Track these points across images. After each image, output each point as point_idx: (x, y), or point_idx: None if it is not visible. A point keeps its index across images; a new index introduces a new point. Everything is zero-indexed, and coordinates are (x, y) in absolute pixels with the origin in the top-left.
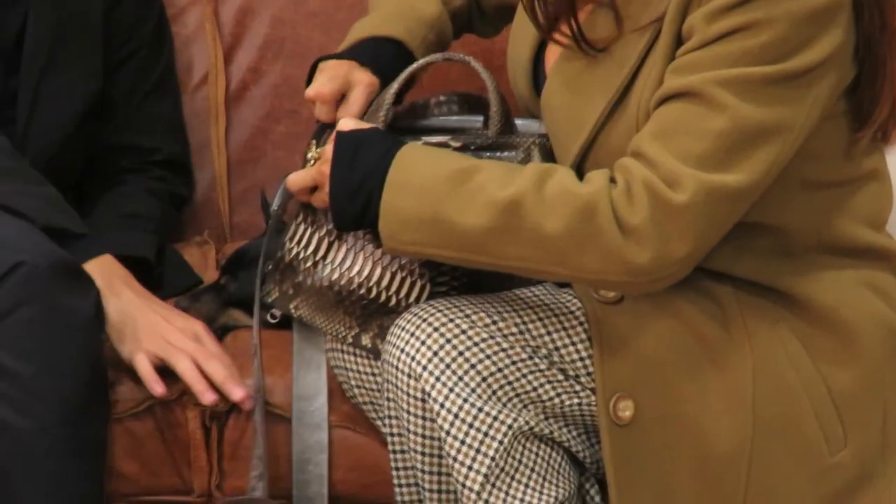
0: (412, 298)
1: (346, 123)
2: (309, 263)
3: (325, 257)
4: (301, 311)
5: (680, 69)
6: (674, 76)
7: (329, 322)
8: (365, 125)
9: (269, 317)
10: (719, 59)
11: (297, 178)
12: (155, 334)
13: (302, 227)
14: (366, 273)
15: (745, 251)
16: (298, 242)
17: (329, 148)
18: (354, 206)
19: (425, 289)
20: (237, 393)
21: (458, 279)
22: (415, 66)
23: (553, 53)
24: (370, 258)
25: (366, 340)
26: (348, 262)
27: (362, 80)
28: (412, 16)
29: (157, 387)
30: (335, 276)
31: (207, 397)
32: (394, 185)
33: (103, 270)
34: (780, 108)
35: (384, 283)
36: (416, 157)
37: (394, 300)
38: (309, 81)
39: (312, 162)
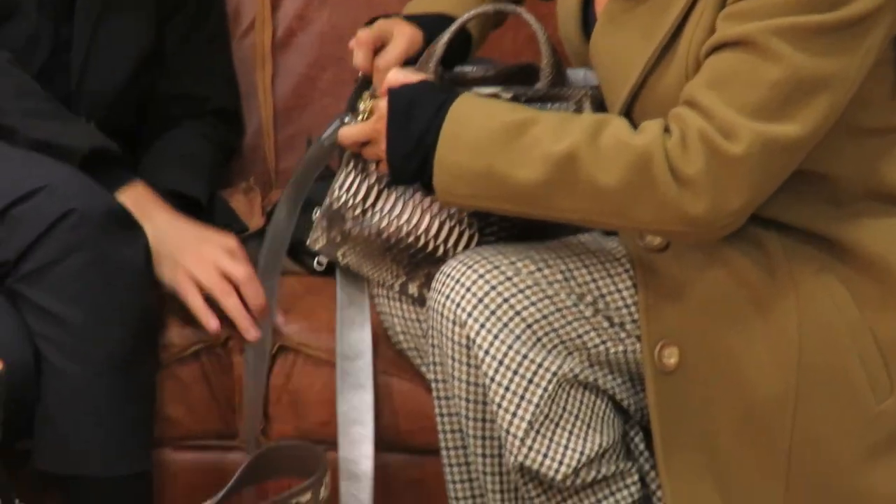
0: (460, 247)
1: (395, 75)
2: (358, 211)
3: (374, 205)
4: (348, 258)
5: (733, 16)
6: (727, 24)
7: (376, 270)
8: (415, 77)
9: (315, 264)
10: (774, 7)
11: (351, 133)
12: (194, 253)
13: (352, 175)
14: (414, 221)
15: (793, 199)
16: (347, 190)
17: (383, 104)
18: (411, 164)
19: (473, 238)
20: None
21: (505, 229)
22: (465, 16)
23: None
24: (419, 206)
25: (413, 289)
26: (397, 210)
27: (404, 31)
28: None
29: (212, 322)
30: (383, 223)
31: (251, 334)
32: (448, 140)
33: (136, 196)
34: (834, 57)
35: (432, 231)
36: (469, 111)
37: (441, 249)
38: None
39: (365, 115)
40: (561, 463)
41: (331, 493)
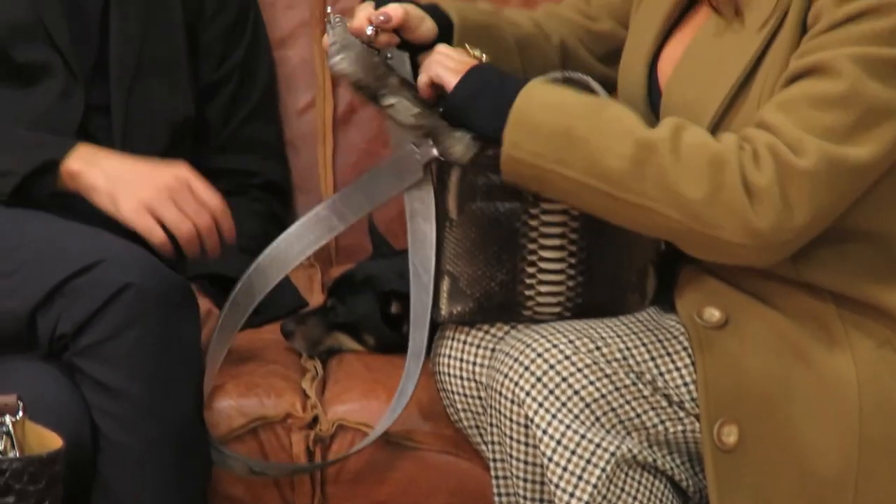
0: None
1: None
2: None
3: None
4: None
5: (806, 52)
6: (800, 59)
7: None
8: None
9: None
10: (847, 38)
11: (440, 49)
12: (149, 186)
13: None
14: None
15: (850, 266)
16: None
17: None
18: (483, 102)
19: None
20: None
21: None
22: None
23: (668, 64)
24: None
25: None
26: None
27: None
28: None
29: (168, 250)
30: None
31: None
32: (529, 96)
33: (83, 154)
34: None
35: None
36: (551, 87)
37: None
38: None
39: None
40: None
41: None
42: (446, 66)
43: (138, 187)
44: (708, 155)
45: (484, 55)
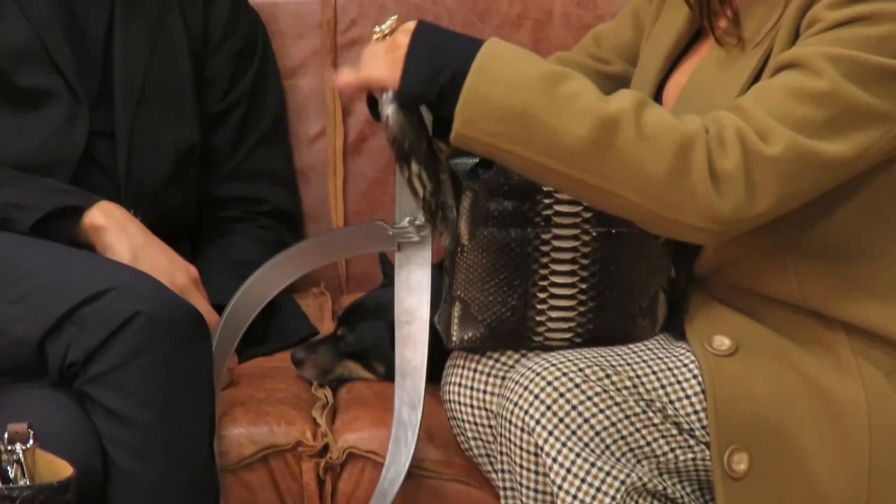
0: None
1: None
2: None
3: None
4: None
5: (794, 47)
6: (786, 52)
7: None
8: None
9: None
10: (836, 40)
11: (371, 46)
12: (164, 278)
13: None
14: None
15: (856, 293)
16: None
17: (410, 24)
18: (432, 85)
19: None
20: None
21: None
22: None
23: (674, 92)
24: None
25: None
26: None
27: None
28: None
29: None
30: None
31: None
32: (481, 70)
33: (110, 212)
34: (888, 100)
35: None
36: (506, 50)
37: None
38: None
39: (386, 33)
40: None
41: None
42: (376, 63)
43: (158, 272)
44: (674, 137)
45: (393, 18)
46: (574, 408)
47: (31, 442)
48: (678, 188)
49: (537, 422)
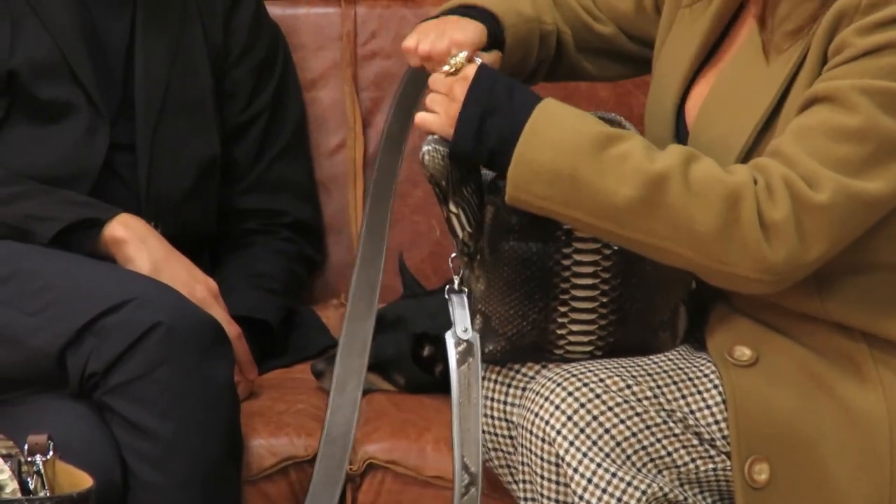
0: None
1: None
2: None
3: None
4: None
5: (825, 79)
6: (819, 83)
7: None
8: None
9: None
10: (866, 71)
11: (435, 78)
12: (185, 290)
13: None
14: None
15: (878, 303)
16: None
17: (470, 69)
18: (481, 149)
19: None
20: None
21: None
22: None
23: (696, 104)
24: None
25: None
26: None
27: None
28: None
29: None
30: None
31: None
32: (532, 138)
33: (130, 224)
34: None
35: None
36: (559, 111)
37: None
38: None
39: (452, 70)
40: None
41: None
42: (435, 115)
43: (178, 285)
44: (722, 190)
45: (462, 55)
46: (595, 418)
47: (50, 453)
48: (730, 241)
49: (558, 432)
